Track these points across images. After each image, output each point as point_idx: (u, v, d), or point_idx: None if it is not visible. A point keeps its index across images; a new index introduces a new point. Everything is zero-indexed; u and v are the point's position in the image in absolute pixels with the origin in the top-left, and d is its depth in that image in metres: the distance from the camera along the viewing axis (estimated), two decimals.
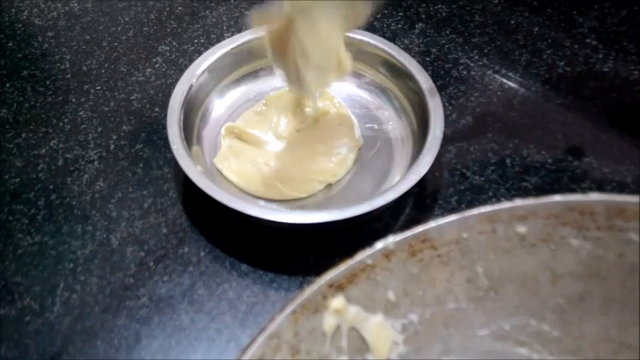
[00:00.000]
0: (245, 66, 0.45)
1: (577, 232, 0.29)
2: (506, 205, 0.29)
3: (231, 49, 0.44)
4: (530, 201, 0.29)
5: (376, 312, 0.29)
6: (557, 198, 0.29)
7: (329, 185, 0.41)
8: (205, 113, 0.44)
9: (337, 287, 0.28)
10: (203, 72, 0.43)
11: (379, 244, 0.29)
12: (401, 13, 0.53)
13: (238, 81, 0.46)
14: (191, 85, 0.42)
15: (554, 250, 0.29)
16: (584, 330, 0.30)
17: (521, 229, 0.29)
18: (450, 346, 0.30)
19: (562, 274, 0.30)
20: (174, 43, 0.51)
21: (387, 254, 0.29)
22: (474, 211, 0.29)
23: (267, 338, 0.26)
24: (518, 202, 0.29)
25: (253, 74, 0.46)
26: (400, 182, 0.37)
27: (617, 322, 0.30)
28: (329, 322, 0.28)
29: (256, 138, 0.43)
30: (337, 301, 0.28)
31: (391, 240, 0.29)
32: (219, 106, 0.45)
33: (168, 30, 0.52)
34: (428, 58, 0.49)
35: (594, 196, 0.29)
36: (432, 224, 0.29)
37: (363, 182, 0.41)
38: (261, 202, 0.40)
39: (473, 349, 0.30)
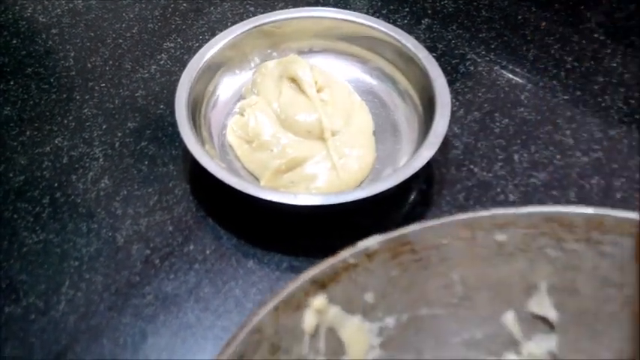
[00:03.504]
0: (252, 51, 0.46)
1: (555, 243, 0.29)
2: (487, 212, 0.29)
3: (240, 33, 0.44)
4: (511, 210, 0.29)
5: (354, 313, 0.29)
6: (538, 208, 0.29)
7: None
8: (213, 97, 0.44)
9: (320, 285, 0.28)
10: (209, 58, 0.43)
11: (363, 244, 0.28)
12: (407, 9, 0.52)
13: (244, 66, 0.46)
14: (198, 72, 0.42)
15: (531, 260, 0.29)
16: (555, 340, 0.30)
17: (501, 237, 0.29)
18: (423, 353, 0.30)
19: (536, 284, 0.30)
20: (179, 40, 0.51)
21: (369, 254, 0.28)
22: (455, 217, 0.29)
23: (249, 333, 0.26)
24: (500, 211, 0.29)
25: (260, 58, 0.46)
26: (404, 166, 0.37)
27: (588, 333, 0.30)
28: (309, 320, 0.28)
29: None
30: (319, 301, 0.28)
31: (374, 240, 0.28)
32: (226, 91, 0.45)
33: (173, 26, 0.52)
34: (434, 54, 0.48)
35: (575, 208, 0.29)
36: (413, 227, 0.29)
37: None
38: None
39: (445, 357, 0.30)
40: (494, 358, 0.30)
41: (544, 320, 0.30)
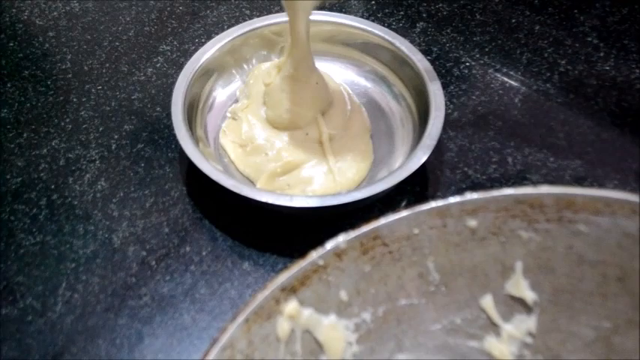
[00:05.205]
0: (248, 54, 0.46)
1: (527, 225, 0.29)
2: (456, 199, 0.29)
3: (236, 36, 0.45)
4: (480, 195, 0.29)
5: (329, 313, 0.29)
6: (507, 191, 0.29)
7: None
8: (209, 100, 0.44)
9: (290, 290, 0.28)
10: (205, 61, 0.43)
11: (330, 244, 0.28)
12: (402, 12, 0.52)
13: (241, 69, 0.46)
14: (194, 74, 0.42)
15: (503, 243, 0.30)
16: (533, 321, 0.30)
17: (472, 222, 0.29)
18: (403, 343, 0.30)
19: (512, 266, 0.30)
20: (175, 43, 0.51)
21: (338, 253, 0.28)
22: (425, 207, 0.29)
23: (220, 350, 0.26)
24: (469, 196, 0.29)
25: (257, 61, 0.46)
26: (399, 168, 0.38)
27: (566, 312, 0.30)
28: (283, 327, 0.28)
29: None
30: (291, 306, 0.28)
31: (342, 239, 0.28)
32: (222, 94, 0.45)
33: (169, 29, 0.52)
34: (429, 57, 0.48)
35: (544, 189, 0.29)
36: (382, 221, 0.29)
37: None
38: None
39: (425, 345, 0.30)
40: (475, 342, 0.30)
41: (522, 302, 0.30)
